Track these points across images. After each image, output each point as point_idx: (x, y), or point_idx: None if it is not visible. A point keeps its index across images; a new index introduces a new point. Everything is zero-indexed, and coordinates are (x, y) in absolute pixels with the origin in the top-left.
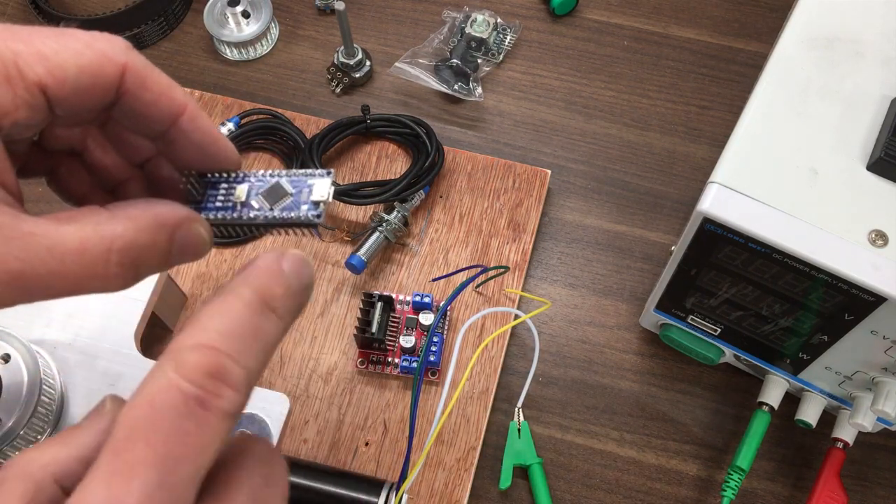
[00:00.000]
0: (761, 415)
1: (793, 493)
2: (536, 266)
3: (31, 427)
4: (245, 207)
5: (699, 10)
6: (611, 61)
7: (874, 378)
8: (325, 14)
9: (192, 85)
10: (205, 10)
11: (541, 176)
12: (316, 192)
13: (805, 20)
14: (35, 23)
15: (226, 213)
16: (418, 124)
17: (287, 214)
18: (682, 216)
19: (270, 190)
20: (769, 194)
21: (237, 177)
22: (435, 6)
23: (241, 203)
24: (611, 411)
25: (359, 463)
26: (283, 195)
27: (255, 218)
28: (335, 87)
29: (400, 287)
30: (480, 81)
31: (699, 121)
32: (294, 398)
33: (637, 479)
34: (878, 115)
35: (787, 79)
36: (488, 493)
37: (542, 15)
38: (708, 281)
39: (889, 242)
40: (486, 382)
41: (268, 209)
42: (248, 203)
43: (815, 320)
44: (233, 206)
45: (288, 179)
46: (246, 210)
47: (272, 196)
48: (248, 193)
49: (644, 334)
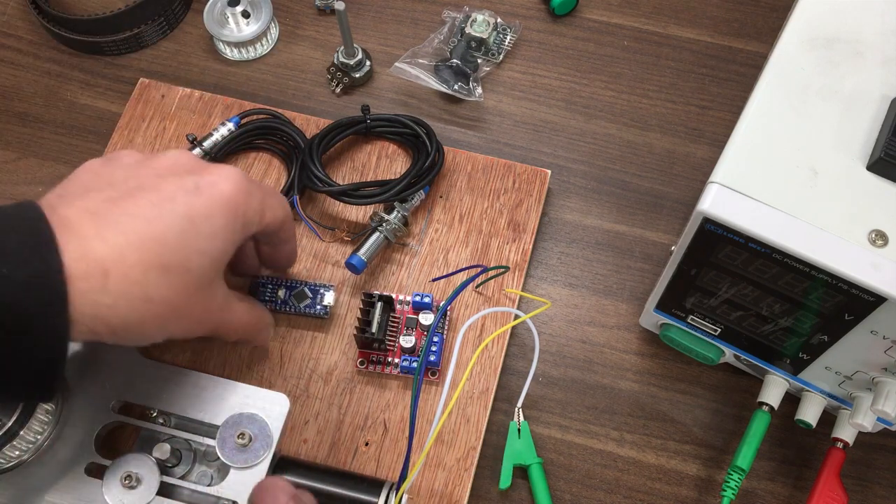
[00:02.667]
0: (761, 415)
1: (793, 493)
2: (536, 266)
3: (31, 427)
4: (283, 303)
5: (699, 10)
6: (611, 61)
7: (874, 378)
8: (325, 14)
9: (192, 85)
10: (205, 10)
11: (541, 176)
12: (326, 299)
13: (805, 20)
14: (35, 22)
15: (273, 305)
16: (418, 124)
17: (307, 310)
18: (682, 216)
19: (297, 294)
20: (769, 194)
21: (278, 282)
22: (435, 6)
23: (282, 300)
24: (611, 411)
25: (359, 463)
26: (305, 297)
27: (287, 310)
28: (335, 87)
29: (400, 287)
30: (480, 81)
31: (699, 121)
32: (294, 398)
33: (637, 479)
34: (878, 115)
35: (787, 79)
36: (488, 493)
37: (542, 15)
38: (708, 281)
39: (889, 242)
40: (486, 382)
41: (295, 304)
42: (285, 300)
43: (815, 320)
44: (276, 301)
45: (308, 288)
46: (283, 305)
47: (298, 297)
48: (285, 294)
49: (644, 334)
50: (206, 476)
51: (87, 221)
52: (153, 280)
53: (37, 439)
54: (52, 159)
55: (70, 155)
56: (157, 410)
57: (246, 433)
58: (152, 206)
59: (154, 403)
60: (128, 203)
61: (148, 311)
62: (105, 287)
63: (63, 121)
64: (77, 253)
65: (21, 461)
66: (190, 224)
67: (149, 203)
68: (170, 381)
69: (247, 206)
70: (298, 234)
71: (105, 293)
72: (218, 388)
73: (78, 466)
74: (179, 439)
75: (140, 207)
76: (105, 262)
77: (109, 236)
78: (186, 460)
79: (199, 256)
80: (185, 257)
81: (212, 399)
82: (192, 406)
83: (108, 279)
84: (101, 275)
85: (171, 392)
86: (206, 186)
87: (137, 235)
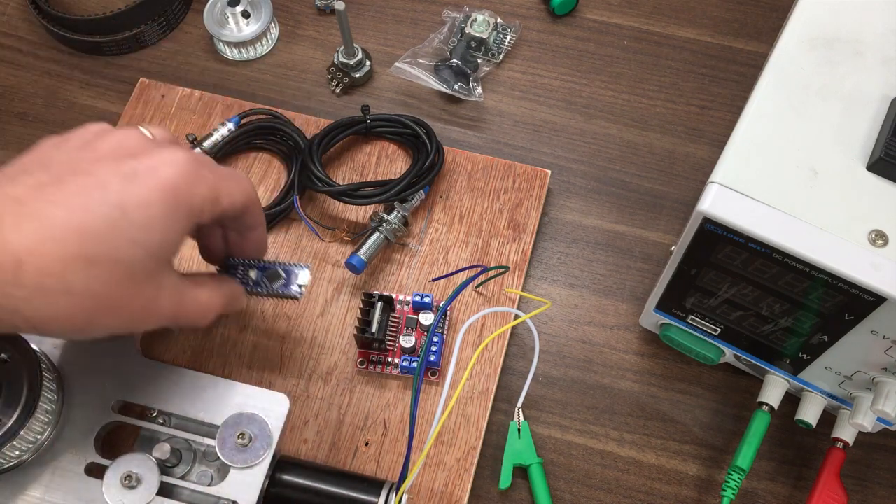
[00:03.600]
0: (761, 415)
1: (793, 493)
2: (536, 266)
3: (31, 427)
4: (256, 285)
5: (699, 10)
6: (611, 61)
7: (874, 378)
8: (325, 14)
9: (192, 85)
10: (205, 10)
11: (541, 176)
12: (300, 278)
13: (805, 20)
14: (35, 22)
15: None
16: (418, 124)
17: (281, 290)
18: (682, 216)
19: (270, 274)
20: (769, 194)
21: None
22: (435, 6)
23: (254, 281)
24: (611, 411)
25: (359, 463)
26: (278, 277)
27: (260, 291)
28: (335, 87)
29: (400, 287)
30: (480, 81)
31: (699, 121)
32: (294, 398)
33: (637, 479)
34: (878, 115)
35: (787, 79)
36: (488, 493)
37: (542, 15)
38: (708, 281)
39: (889, 242)
40: (486, 382)
41: (268, 285)
42: (258, 281)
43: (815, 320)
44: (248, 283)
45: (281, 268)
46: (255, 286)
47: (271, 278)
48: (257, 275)
49: (644, 334)
50: (206, 476)
51: (9, 209)
52: (74, 272)
53: (37, 439)
54: None
55: None
56: (157, 410)
57: (246, 433)
58: (79, 193)
59: (154, 403)
60: (54, 190)
61: (71, 304)
62: (18, 279)
63: (63, 121)
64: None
65: (21, 461)
66: (120, 213)
67: (76, 190)
68: (170, 381)
69: (191, 192)
70: (298, 234)
71: (18, 286)
72: (218, 388)
73: (78, 466)
74: (179, 439)
75: (66, 195)
76: (19, 252)
77: (27, 226)
78: (186, 460)
79: (131, 247)
80: (114, 248)
81: (212, 399)
82: (192, 406)
83: (21, 271)
84: (15, 266)
85: (171, 392)
86: (145, 172)
87: (58, 225)
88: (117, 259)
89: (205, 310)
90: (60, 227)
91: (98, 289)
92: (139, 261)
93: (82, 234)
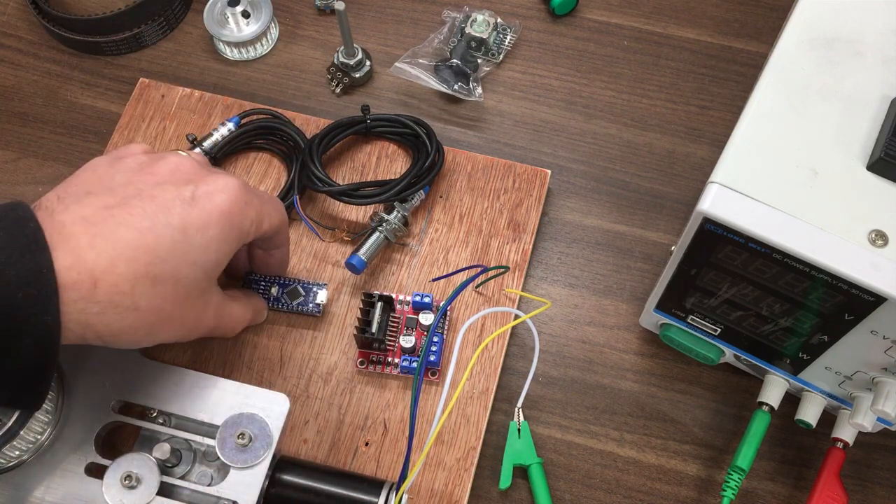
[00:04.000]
0: (761, 415)
1: (793, 493)
2: (536, 266)
3: (31, 427)
4: (276, 301)
5: (699, 10)
6: (611, 61)
7: (874, 378)
8: (325, 14)
9: (193, 85)
10: (205, 10)
11: (541, 176)
12: (319, 297)
13: (805, 20)
14: (35, 22)
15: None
16: (418, 124)
17: (300, 308)
18: (682, 216)
19: (290, 292)
20: (769, 194)
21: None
22: (435, 6)
23: (274, 297)
24: (611, 411)
25: (359, 463)
26: (298, 295)
27: (281, 307)
28: (335, 87)
29: (400, 287)
30: (480, 81)
31: (699, 121)
32: (294, 398)
33: (637, 479)
34: (878, 115)
35: (787, 79)
36: (488, 493)
37: (542, 15)
38: (708, 281)
39: (889, 242)
40: (486, 382)
41: (288, 302)
42: (278, 298)
43: (814, 320)
44: (269, 298)
45: (301, 286)
46: (275, 302)
47: (291, 295)
48: (278, 292)
49: (644, 334)
50: (206, 476)
51: (81, 229)
52: (141, 290)
53: (37, 439)
54: (51, 159)
55: (70, 155)
56: (157, 410)
57: (246, 433)
58: (146, 216)
59: (154, 403)
60: (122, 212)
61: (136, 319)
62: (93, 296)
63: (63, 121)
64: (68, 261)
65: (21, 461)
66: (182, 235)
67: (143, 213)
68: (170, 381)
69: (243, 216)
70: (298, 234)
71: (93, 302)
72: (218, 388)
73: (78, 466)
74: (179, 439)
75: (134, 217)
76: (94, 271)
77: (100, 246)
78: (186, 460)
79: (190, 267)
80: (176, 267)
81: (212, 399)
82: (192, 406)
83: (96, 289)
84: (91, 284)
85: (171, 392)
86: (203, 197)
87: (128, 246)
88: (178, 278)
89: (237, 323)
90: (131, 247)
91: (161, 305)
92: (196, 279)
93: (150, 253)
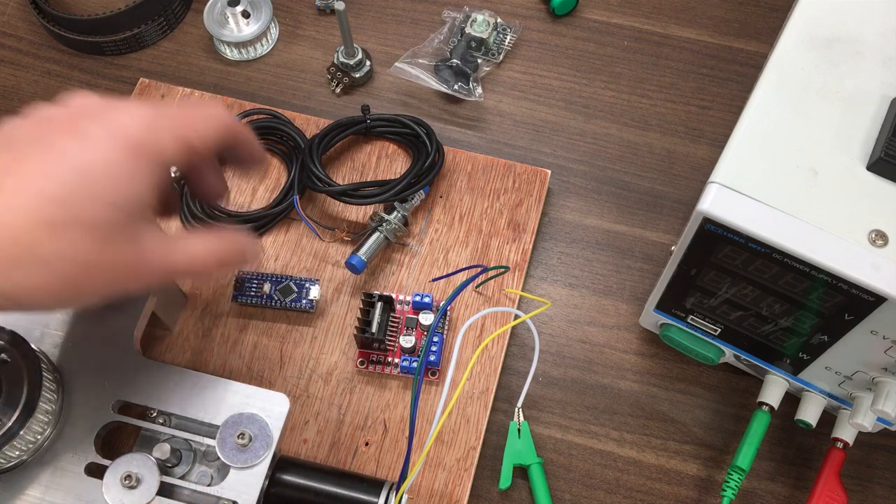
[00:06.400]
0: (761, 415)
1: (793, 493)
2: (536, 266)
3: (31, 427)
4: (268, 298)
5: (699, 10)
6: (611, 61)
7: (874, 378)
8: (325, 14)
9: (192, 85)
10: (205, 10)
11: (541, 176)
12: (311, 293)
13: (805, 20)
14: (35, 22)
15: (258, 300)
16: (418, 124)
17: (293, 304)
18: (682, 216)
19: (283, 289)
20: (769, 194)
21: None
22: (435, 6)
23: (266, 295)
24: (611, 411)
25: (359, 463)
26: (290, 292)
27: (274, 304)
28: (335, 87)
29: (400, 287)
30: (480, 81)
31: (699, 121)
32: (294, 398)
33: (637, 479)
34: (878, 115)
35: (787, 79)
36: (488, 493)
37: (542, 15)
38: (708, 281)
39: (889, 242)
40: (486, 382)
41: (281, 299)
42: (270, 295)
43: (815, 320)
44: (261, 296)
45: (293, 282)
46: (268, 300)
47: (284, 292)
48: (270, 289)
49: (644, 334)
50: (206, 476)
51: None
52: (41, 240)
53: (37, 439)
54: None
55: None
56: (157, 410)
57: (246, 433)
58: (42, 162)
59: (154, 403)
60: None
61: (49, 274)
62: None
63: None
64: None
65: (21, 461)
66: (83, 175)
67: (38, 160)
68: (170, 381)
69: (154, 141)
70: (298, 234)
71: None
72: (218, 388)
73: (78, 466)
74: (179, 439)
75: (29, 167)
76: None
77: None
78: (186, 460)
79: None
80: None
81: (212, 399)
82: (192, 406)
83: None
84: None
85: (171, 392)
86: (101, 133)
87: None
88: (83, 220)
89: (199, 260)
90: (22, 195)
91: (72, 253)
92: (109, 219)
93: (42, 200)
